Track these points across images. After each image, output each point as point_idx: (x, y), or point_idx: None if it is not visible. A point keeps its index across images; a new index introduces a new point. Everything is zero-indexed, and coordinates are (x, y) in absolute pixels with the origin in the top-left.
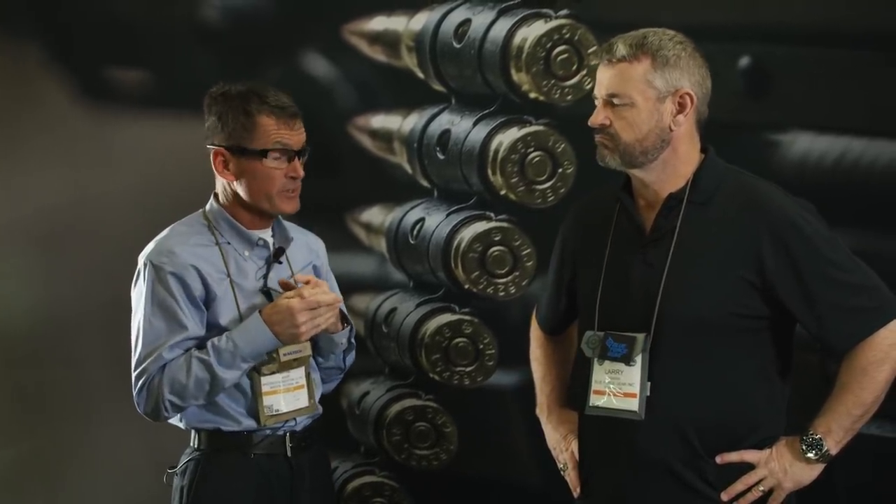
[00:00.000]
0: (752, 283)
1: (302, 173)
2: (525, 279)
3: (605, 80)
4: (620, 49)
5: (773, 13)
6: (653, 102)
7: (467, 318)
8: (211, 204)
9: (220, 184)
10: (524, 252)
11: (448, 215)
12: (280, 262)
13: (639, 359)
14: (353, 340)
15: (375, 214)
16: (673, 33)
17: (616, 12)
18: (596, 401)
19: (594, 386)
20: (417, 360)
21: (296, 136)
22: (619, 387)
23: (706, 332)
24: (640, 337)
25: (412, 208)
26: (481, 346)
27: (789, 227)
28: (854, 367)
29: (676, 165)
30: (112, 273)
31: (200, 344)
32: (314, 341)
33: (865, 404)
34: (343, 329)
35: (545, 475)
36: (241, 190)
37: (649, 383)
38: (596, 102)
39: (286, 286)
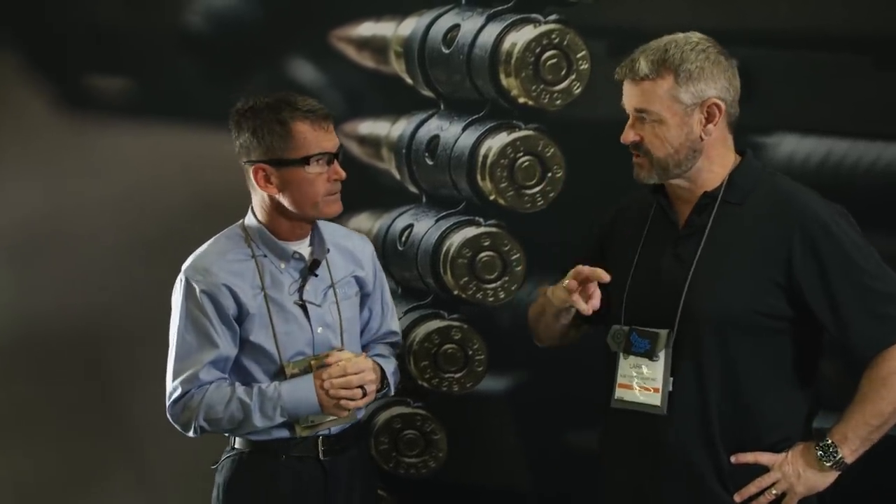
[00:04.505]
0: (779, 284)
1: (344, 175)
2: (514, 284)
3: (632, 97)
4: (642, 67)
5: (760, 17)
6: (680, 117)
7: (456, 324)
8: (249, 217)
9: (258, 198)
10: (514, 257)
11: (437, 221)
12: (316, 275)
13: (661, 354)
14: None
15: (363, 221)
16: (696, 41)
17: (605, 17)
18: (621, 394)
19: (620, 380)
20: (406, 367)
21: (331, 139)
22: (643, 381)
23: (729, 328)
24: (663, 333)
25: (400, 215)
26: (470, 353)
27: (820, 230)
28: (874, 377)
29: (711, 168)
30: (91, 285)
31: (241, 371)
32: None
33: (883, 415)
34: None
35: (535, 482)
36: (285, 201)
37: (672, 378)
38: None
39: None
